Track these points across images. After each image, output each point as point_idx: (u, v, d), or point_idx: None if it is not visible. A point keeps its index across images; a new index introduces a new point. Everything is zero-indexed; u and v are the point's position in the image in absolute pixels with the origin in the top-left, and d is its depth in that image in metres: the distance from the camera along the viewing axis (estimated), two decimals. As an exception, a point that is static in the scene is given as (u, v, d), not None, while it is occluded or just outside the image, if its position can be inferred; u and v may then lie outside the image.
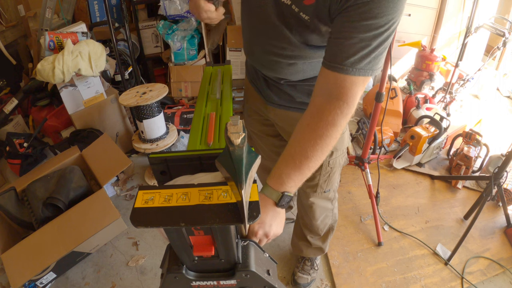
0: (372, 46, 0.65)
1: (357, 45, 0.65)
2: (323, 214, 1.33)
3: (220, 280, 0.67)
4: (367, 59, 0.66)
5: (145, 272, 1.65)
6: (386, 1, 0.61)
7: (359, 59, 0.66)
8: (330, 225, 1.41)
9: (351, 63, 0.66)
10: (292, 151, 0.71)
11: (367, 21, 0.63)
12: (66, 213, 1.59)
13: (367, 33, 0.64)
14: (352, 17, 0.64)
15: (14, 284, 1.37)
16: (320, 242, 1.46)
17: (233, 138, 0.53)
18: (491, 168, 2.06)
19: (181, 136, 2.33)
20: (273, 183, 0.71)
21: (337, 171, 1.19)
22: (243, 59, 2.56)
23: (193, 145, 0.81)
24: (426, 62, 2.81)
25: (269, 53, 0.90)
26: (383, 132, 2.27)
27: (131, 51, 2.28)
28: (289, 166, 0.70)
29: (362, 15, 0.63)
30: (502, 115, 2.80)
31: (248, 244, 0.69)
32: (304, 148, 0.70)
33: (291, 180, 0.70)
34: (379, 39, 0.65)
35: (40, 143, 2.24)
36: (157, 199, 0.55)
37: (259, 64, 1.01)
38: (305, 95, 0.99)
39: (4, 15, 2.69)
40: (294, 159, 0.70)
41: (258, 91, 1.09)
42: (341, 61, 0.66)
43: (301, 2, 0.73)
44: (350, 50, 0.65)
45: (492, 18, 2.51)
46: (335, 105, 0.68)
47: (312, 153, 0.69)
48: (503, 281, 1.61)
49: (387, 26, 0.64)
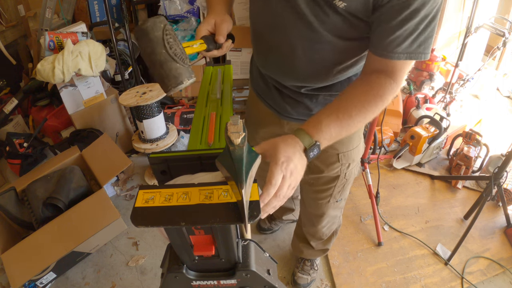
0: (419, 30, 0.66)
1: (406, 31, 0.65)
2: (330, 222, 1.32)
3: (220, 280, 0.67)
4: (417, 43, 0.67)
5: (145, 272, 1.65)
6: None
7: (409, 44, 0.66)
8: (335, 229, 1.41)
9: (402, 50, 0.67)
10: (338, 105, 0.69)
11: (413, 8, 0.63)
12: (66, 213, 1.59)
13: (414, 19, 0.64)
14: (397, 5, 0.64)
15: (14, 284, 1.36)
16: (322, 245, 1.46)
17: (233, 138, 0.53)
18: (491, 168, 2.06)
19: (181, 136, 2.32)
20: (310, 129, 0.66)
21: (351, 182, 1.16)
22: (243, 59, 2.56)
23: (193, 145, 0.81)
24: (426, 62, 2.82)
25: (293, 50, 0.81)
26: (383, 132, 2.27)
27: (131, 51, 2.28)
28: (332, 117, 0.67)
29: (407, 2, 0.62)
30: (502, 115, 2.81)
31: (248, 244, 0.69)
32: (351, 106, 0.68)
33: (328, 131, 0.67)
34: (426, 21, 0.65)
35: (40, 143, 2.24)
36: (157, 199, 0.55)
37: (276, 70, 0.91)
38: (323, 106, 0.93)
39: (4, 15, 2.69)
40: (337, 112, 0.68)
41: (269, 105, 1.02)
42: (392, 49, 0.67)
43: None
44: (399, 38, 0.66)
45: (492, 18, 2.51)
46: (385, 81, 0.70)
47: (356, 114, 0.68)
48: (503, 281, 1.61)
49: (435, 9, 0.64)
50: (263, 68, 0.96)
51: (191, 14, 2.48)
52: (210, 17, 0.82)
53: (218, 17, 0.82)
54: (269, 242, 1.78)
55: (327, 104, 0.72)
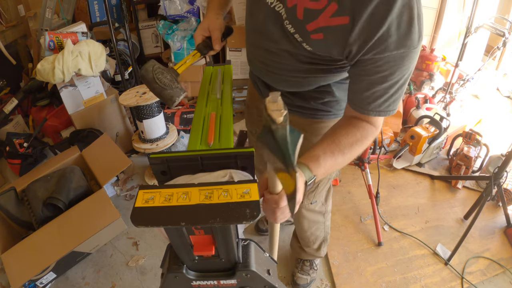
0: (390, 93, 0.72)
1: (376, 93, 0.72)
2: (313, 227, 1.34)
3: (220, 280, 0.67)
4: (386, 103, 0.74)
5: (145, 272, 1.65)
6: (403, 60, 0.66)
7: (379, 104, 0.73)
8: (323, 237, 1.42)
9: (372, 108, 0.74)
10: (332, 142, 0.74)
11: (385, 73, 0.68)
12: (66, 213, 1.59)
13: (385, 83, 0.70)
14: (369, 70, 0.69)
15: (14, 284, 1.36)
16: (314, 252, 1.48)
17: (274, 116, 0.48)
18: (491, 168, 2.06)
19: (181, 136, 2.32)
20: (310, 164, 0.71)
21: (325, 183, 1.18)
22: (243, 59, 2.56)
23: (193, 145, 0.81)
24: (426, 62, 2.82)
25: (268, 65, 0.90)
26: (383, 132, 2.27)
27: (131, 51, 2.28)
28: (327, 154, 0.72)
29: (379, 68, 0.68)
30: (502, 115, 2.81)
31: (248, 244, 0.69)
32: (343, 144, 0.74)
33: (324, 166, 0.72)
34: (396, 86, 0.71)
35: (40, 143, 2.24)
36: (157, 199, 0.55)
37: (263, 76, 0.99)
38: (304, 100, 0.98)
39: (4, 15, 2.69)
40: (333, 150, 0.73)
41: (259, 90, 1.09)
42: (364, 106, 0.74)
43: (308, 35, 0.72)
44: (370, 98, 0.73)
45: (492, 18, 2.51)
46: (367, 126, 0.77)
47: (348, 152, 0.74)
48: (503, 281, 1.61)
49: (406, 75, 0.70)
50: (254, 71, 1.03)
51: (191, 14, 2.48)
52: (205, 24, 0.93)
53: (211, 24, 0.92)
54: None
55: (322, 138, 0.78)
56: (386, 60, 0.66)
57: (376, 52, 0.65)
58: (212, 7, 0.96)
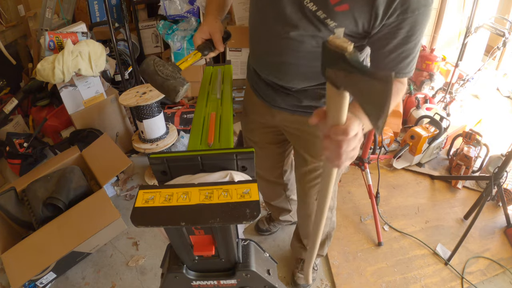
0: (415, 53, 0.75)
1: (403, 54, 0.74)
2: None
3: (220, 280, 0.67)
4: (412, 63, 0.78)
5: (145, 272, 1.65)
6: (422, 19, 0.70)
7: (405, 66, 0.77)
8: (328, 232, 1.42)
9: (399, 70, 0.77)
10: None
11: (408, 33, 0.71)
12: (66, 213, 1.59)
13: (409, 44, 0.73)
14: (393, 33, 0.72)
15: (14, 284, 1.36)
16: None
17: (345, 45, 0.48)
18: (491, 168, 2.06)
19: (181, 136, 2.32)
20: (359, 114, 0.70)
21: (337, 178, 1.21)
22: (243, 59, 2.56)
23: (193, 145, 0.81)
24: (426, 62, 2.82)
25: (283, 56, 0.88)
26: (383, 132, 2.27)
27: (131, 51, 2.28)
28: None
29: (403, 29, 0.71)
30: (502, 115, 2.81)
31: (248, 244, 0.69)
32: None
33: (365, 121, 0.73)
34: (418, 45, 0.75)
35: (40, 143, 2.24)
36: (157, 199, 0.55)
37: (268, 73, 0.98)
38: (313, 99, 0.97)
39: (4, 15, 2.70)
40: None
41: (262, 98, 1.07)
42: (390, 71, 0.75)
43: (331, 8, 0.72)
44: (395, 61, 0.76)
45: (492, 18, 2.51)
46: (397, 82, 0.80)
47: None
48: (503, 281, 1.61)
49: (422, 36, 0.74)
50: (257, 69, 1.03)
51: (191, 14, 2.48)
52: (204, 27, 0.94)
53: (211, 27, 0.93)
54: (269, 242, 1.78)
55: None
56: (409, 21, 0.69)
57: (400, 13, 0.68)
58: (210, 11, 0.98)
